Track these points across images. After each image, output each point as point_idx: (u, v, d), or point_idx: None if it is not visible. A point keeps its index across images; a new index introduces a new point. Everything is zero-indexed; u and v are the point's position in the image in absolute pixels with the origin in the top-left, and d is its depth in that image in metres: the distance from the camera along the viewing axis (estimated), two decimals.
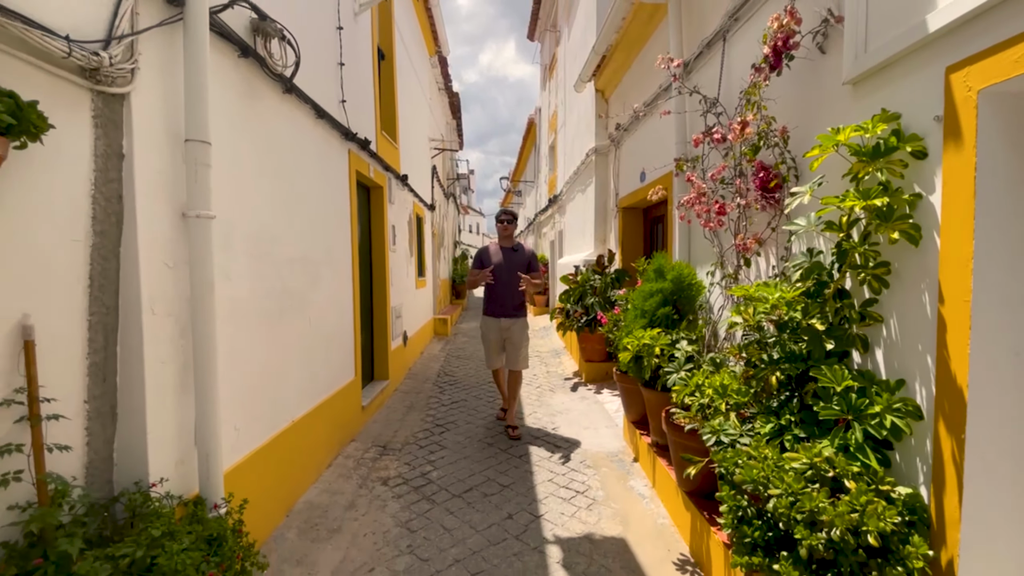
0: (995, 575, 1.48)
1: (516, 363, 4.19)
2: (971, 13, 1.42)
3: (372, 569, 2.36)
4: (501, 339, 4.19)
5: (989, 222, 1.42)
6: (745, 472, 1.70)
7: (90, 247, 1.58)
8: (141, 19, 1.70)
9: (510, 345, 4.17)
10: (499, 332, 4.17)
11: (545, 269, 11.86)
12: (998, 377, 1.45)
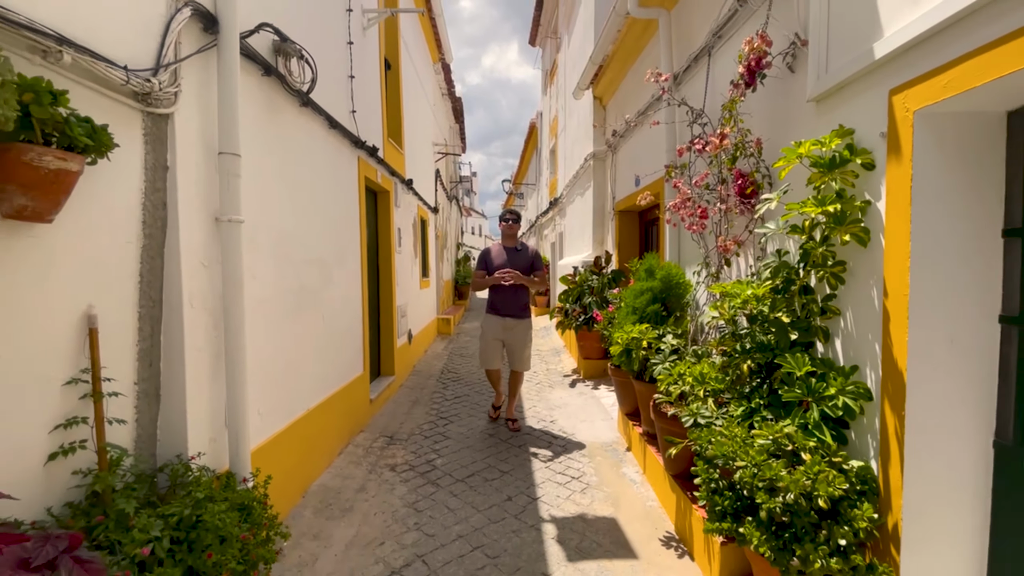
0: (932, 536, 1.68)
1: (519, 364, 4.23)
2: (909, 43, 1.63)
3: (382, 543, 2.58)
4: (502, 339, 4.18)
5: (923, 225, 1.64)
6: (716, 447, 1.91)
7: (140, 248, 1.81)
8: (183, 48, 1.93)
9: (512, 346, 4.17)
10: (501, 332, 4.15)
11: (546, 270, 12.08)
12: (933, 362, 1.66)
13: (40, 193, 1.28)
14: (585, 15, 6.99)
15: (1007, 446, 1.62)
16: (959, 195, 1.64)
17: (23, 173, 1.23)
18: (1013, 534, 1.60)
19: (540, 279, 4.21)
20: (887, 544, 1.73)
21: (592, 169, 6.60)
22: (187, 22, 1.93)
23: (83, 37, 1.52)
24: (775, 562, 1.69)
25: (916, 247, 1.64)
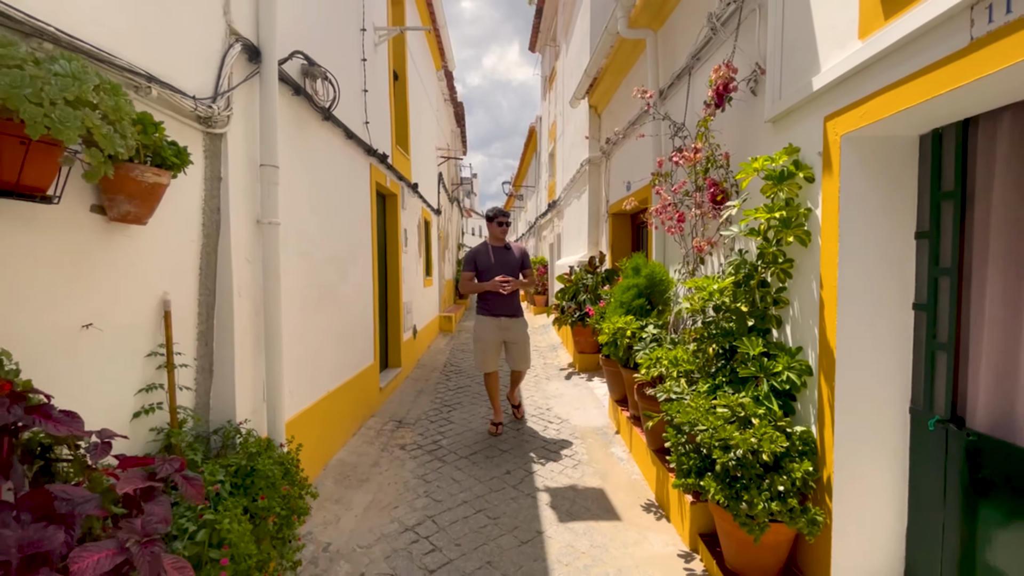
0: (858, 486, 2.03)
1: (519, 362, 4.20)
2: (837, 79, 1.98)
3: (396, 507, 2.93)
4: (499, 340, 4.11)
5: (849, 228, 1.99)
6: (683, 416, 2.26)
7: (200, 246, 2.16)
8: (233, 77, 2.28)
9: (512, 345, 4.14)
10: (497, 332, 4.09)
11: (544, 270, 12.43)
12: (859, 342, 2.01)
13: (141, 201, 1.63)
14: (582, 27, 7.35)
15: (919, 411, 1.97)
16: (879, 204, 1.99)
17: (130, 186, 1.58)
18: (924, 483, 1.96)
19: (530, 279, 4.20)
20: (822, 493, 2.08)
21: (588, 174, 6.96)
22: (237, 55, 2.28)
23: (164, 73, 1.88)
24: (728, 508, 2.04)
25: (844, 247, 2.00)
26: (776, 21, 2.44)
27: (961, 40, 1.47)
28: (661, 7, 4.02)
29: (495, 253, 4.13)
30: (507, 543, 2.59)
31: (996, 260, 1.70)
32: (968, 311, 1.81)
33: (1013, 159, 1.65)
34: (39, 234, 1.43)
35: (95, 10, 1.59)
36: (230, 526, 1.58)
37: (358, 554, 2.48)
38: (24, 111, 1.06)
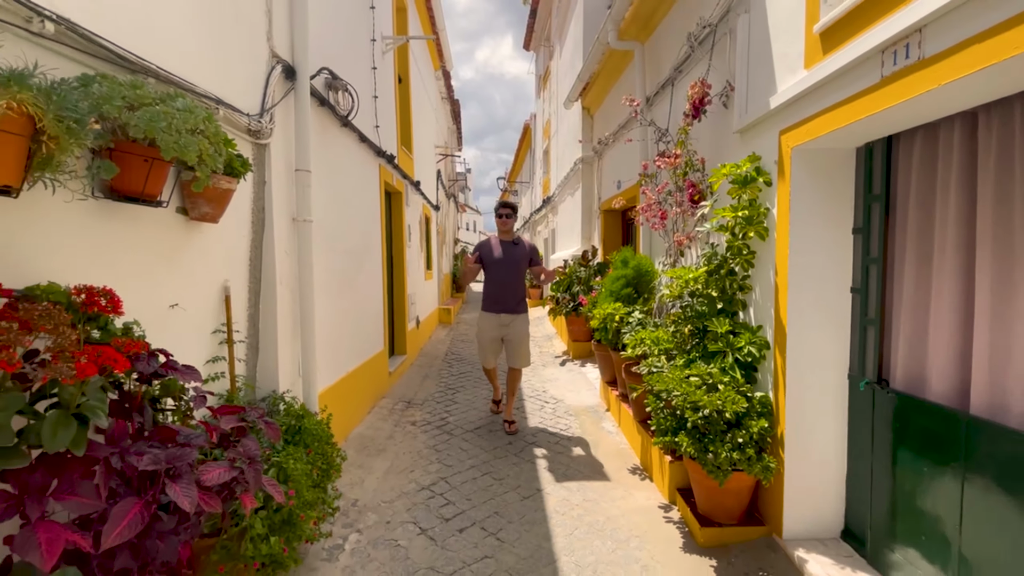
0: (806, 440, 2.44)
1: (517, 361, 4.08)
2: (788, 101, 2.37)
3: (412, 471, 3.32)
4: (500, 336, 4.04)
5: (798, 225, 2.38)
6: (661, 384, 2.66)
7: (250, 241, 2.52)
8: (275, 95, 2.64)
9: (511, 342, 4.04)
10: (498, 329, 4.02)
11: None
12: (805, 320, 2.41)
13: (216, 204, 1.99)
14: (575, 33, 7.71)
15: (854, 376, 2.38)
16: (822, 205, 2.39)
17: (208, 191, 1.94)
18: (858, 435, 2.37)
19: (547, 274, 4.12)
20: (776, 447, 2.49)
21: (581, 172, 7.34)
22: (278, 75, 2.64)
23: (227, 96, 2.23)
24: (697, 459, 2.45)
25: (793, 241, 2.39)
26: (743, 46, 2.82)
27: (875, 77, 1.86)
28: (647, 22, 4.40)
29: (502, 247, 4.02)
30: (511, 498, 2.99)
31: (910, 251, 2.11)
32: (891, 293, 2.22)
33: (922, 169, 2.05)
34: (143, 230, 1.80)
35: (179, 48, 1.95)
36: (294, 465, 1.96)
37: (383, 507, 2.87)
38: (160, 140, 1.43)
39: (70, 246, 1.50)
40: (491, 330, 4.05)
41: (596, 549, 2.51)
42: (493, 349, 4.11)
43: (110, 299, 1.39)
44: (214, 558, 1.69)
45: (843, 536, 2.48)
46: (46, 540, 1.13)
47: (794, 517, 2.47)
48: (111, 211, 1.64)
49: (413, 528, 2.68)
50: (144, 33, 1.75)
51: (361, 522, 2.72)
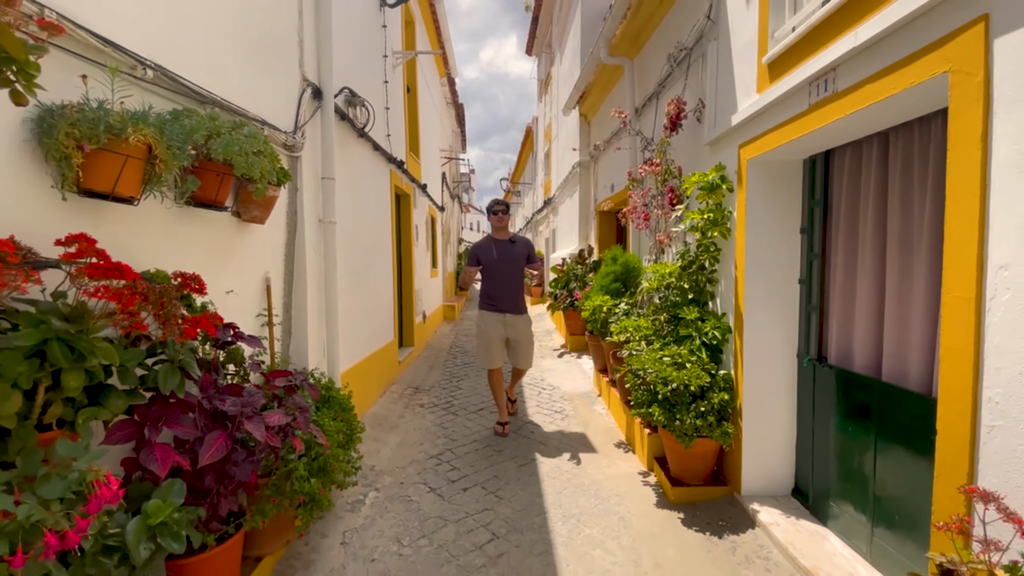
0: (760, 411, 2.84)
1: (523, 362, 4.10)
2: (745, 120, 2.77)
3: (422, 444, 3.75)
4: (503, 336, 3.99)
5: (753, 226, 2.79)
6: (638, 363, 3.07)
7: (285, 239, 2.95)
8: (305, 113, 3.06)
9: (515, 343, 4.03)
10: (502, 328, 3.97)
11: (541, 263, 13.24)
12: (759, 307, 2.82)
13: (263, 208, 2.42)
14: (573, 42, 8.11)
15: (803, 356, 2.78)
16: (774, 208, 2.79)
17: (248, 199, 2.36)
18: (804, 405, 2.77)
19: (538, 273, 4.36)
20: (736, 417, 2.89)
21: (578, 176, 7.74)
22: (308, 96, 3.07)
23: (269, 116, 2.66)
24: (667, 426, 2.85)
25: (749, 239, 2.80)
26: (712, 69, 3.23)
27: (805, 104, 2.27)
28: (635, 40, 4.80)
29: (497, 247, 3.96)
30: (509, 465, 3.40)
31: (842, 248, 2.51)
32: (828, 283, 2.62)
33: (850, 179, 2.45)
34: (209, 230, 2.22)
35: (234, 80, 2.37)
36: (328, 423, 2.38)
37: (397, 471, 3.30)
38: (235, 161, 1.85)
39: (162, 241, 1.92)
40: (495, 328, 3.97)
41: (581, 504, 2.93)
42: (498, 347, 3.99)
43: (198, 283, 1.81)
44: (267, 492, 2.11)
45: (793, 493, 2.88)
46: (161, 456, 1.56)
47: (751, 478, 2.88)
48: (188, 215, 2.06)
49: (423, 487, 3.10)
50: (209, 70, 2.18)
51: (378, 483, 3.15)
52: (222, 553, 1.85)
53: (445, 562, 2.40)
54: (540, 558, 2.43)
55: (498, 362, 4.03)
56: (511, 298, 3.98)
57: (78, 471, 1.22)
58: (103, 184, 1.51)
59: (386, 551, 2.48)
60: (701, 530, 2.66)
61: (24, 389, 1.20)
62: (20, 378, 1.18)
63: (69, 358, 1.24)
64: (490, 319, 3.99)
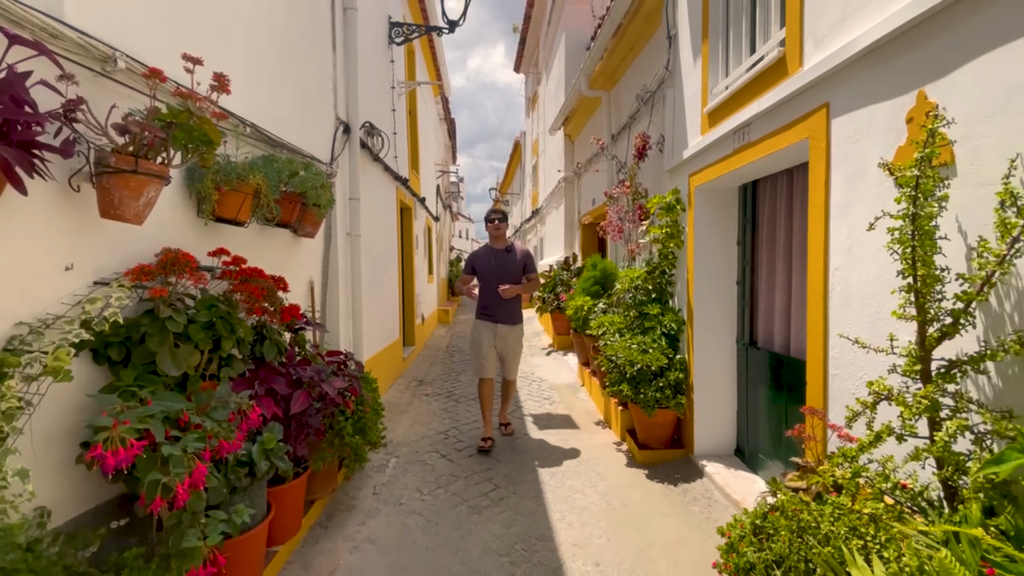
0: (707, 387, 3.55)
1: (510, 372, 4.09)
2: (692, 155, 3.50)
3: (430, 423, 4.40)
4: (493, 345, 3.97)
5: (700, 238, 3.51)
6: (612, 351, 3.77)
7: (323, 250, 3.61)
8: (338, 147, 3.73)
9: (505, 354, 4.00)
10: (494, 339, 3.95)
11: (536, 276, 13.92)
12: (706, 303, 3.53)
13: (314, 226, 3.08)
14: (558, 67, 8.88)
15: (743, 344, 3.51)
16: (716, 225, 3.52)
17: (311, 218, 3.03)
18: (741, 382, 3.49)
19: (534, 282, 4.06)
20: (688, 392, 3.60)
21: (564, 190, 8.48)
22: (340, 132, 3.74)
23: (315, 152, 3.32)
24: (633, 399, 3.55)
25: (697, 250, 3.52)
26: (670, 110, 3.97)
27: (731, 147, 3.00)
28: (611, 76, 5.56)
29: (495, 256, 3.94)
30: (505, 440, 4.07)
31: (763, 256, 3.24)
32: (756, 284, 3.35)
33: (767, 204, 3.19)
34: (277, 243, 2.88)
35: (292, 125, 3.04)
36: (368, 393, 3.04)
37: (412, 443, 3.95)
38: (308, 194, 2.52)
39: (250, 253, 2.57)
40: (487, 338, 3.94)
41: (565, 464, 3.61)
42: (490, 357, 3.96)
43: (283, 284, 2.47)
44: (324, 445, 2.76)
45: (735, 453, 3.59)
46: (266, 404, 2.21)
47: (701, 441, 3.58)
48: (266, 232, 2.72)
49: (435, 454, 3.76)
50: (279, 121, 2.84)
51: (398, 452, 3.79)
52: (297, 485, 2.51)
53: (458, 504, 3.05)
54: (533, 500, 3.10)
55: (490, 372, 3.96)
56: (505, 308, 3.92)
57: (235, 403, 1.87)
58: (230, 213, 2.17)
59: (410, 498, 3.13)
60: (661, 481, 3.35)
61: (201, 351, 1.85)
62: (200, 342, 1.83)
63: (227, 331, 1.90)
64: (482, 328, 3.96)
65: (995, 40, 1.42)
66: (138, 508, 1.52)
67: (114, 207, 1.53)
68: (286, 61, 3.02)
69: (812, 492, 1.74)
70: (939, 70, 1.61)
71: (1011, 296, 1.39)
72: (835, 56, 2.02)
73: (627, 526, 2.80)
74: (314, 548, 2.59)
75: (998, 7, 1.41)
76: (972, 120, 1.50)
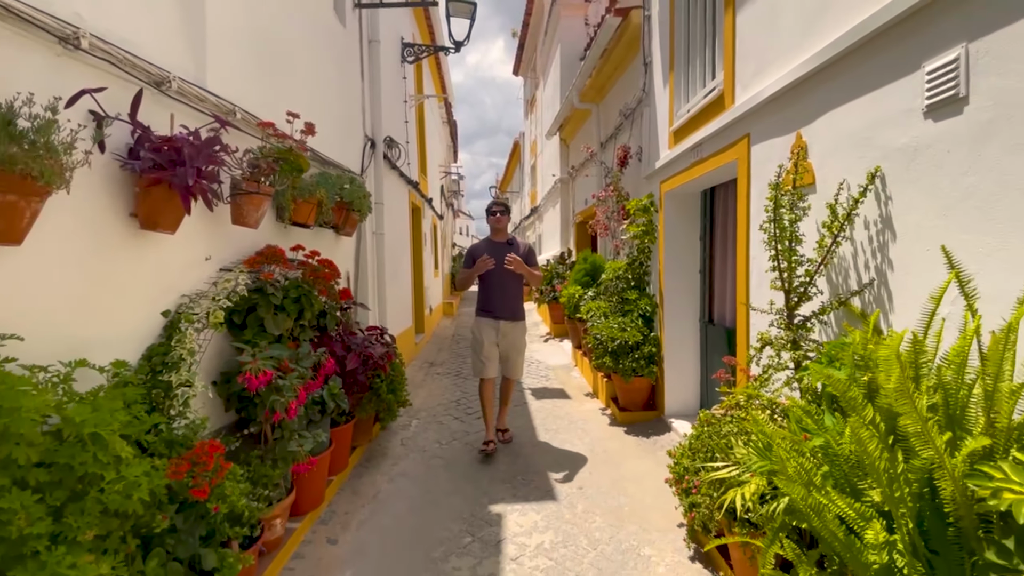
0: (676, 359, 4.27)
1: (513, 371, 3.90)
2: (662, 166, 4.22)
3: (443, 394, 5.14)
4: (496, 343, 3.82)
5: (670, 234, 4.23)
6: (597, 330, 4.49)
7: (355, 246, 4.33)
8: (366, 159, 4.45)
9: (507, 351, 3.84)
10: (496, 336, 3.80)
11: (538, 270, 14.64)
12: (675, 288, 4.26)
13: (352, 227, 3.79)
14: (554, 76, 9.57)
15: (704, 322, 4.23)
16: (683, 224, 4.23)
17: (352, 221, 3.74)
18: (704, 357, 4.22)
19: (537, 277, 3.87)
20: (660, 362, 4.32)
21: (559, 190, 9.19)
22: (368, 147, 4.45)
23: (350, 165, 4.03)
24: (614, 369, 4.27)
25: (667, 245, 4.24)
26: (646, 125, 4.68)
27: (690, 161, 3.71)
28: (600, 91, 6.26)
29: (495, 250, 3.80)
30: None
31: (718, 250, 3.96)
32: (713, 272, 4.07)
33: (722, 206, 3.90)
34: (325, 241, 3.59)
35: (334, 144, 3.75)
36: (397, 361, 3.76)
37: (429, 409, 4.68)
38: (355, 203, 3.24)
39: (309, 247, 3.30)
40: (490, 336, 3.80)
41: (558, 423, 4.34)
42: (492, 356, 3.81)
43: (338, 272, 3.18)
44: (365, 400, 3.48)
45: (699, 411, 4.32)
46: (330, 363, 2.93)
47: (671, 403, 4.31)
48: (318, 232, 3.44)
49: (450, 417, 4.49)
50: (326, 142, 3.56)
51: (418, 416, 4.53)
52: (347, 429, 3.24)
53: (471, 451, 3.79)
54: (531, 448, 3.83)
55: (491, 372, 3.81)
56: (507, 303, 3.80)
57: (315, 357, 2.59)
58: (301, 218, 2.90)
59: (431, 446, 3.87)
60: (636, 435, 4.09)
61: (291, 317, 2.57)
62: (290, 311, 2.55)
63: (308, 305, 2.62)
64: (484, 325, 3.82)
65: (836, 102, 2.14)
66: (261, 421, 2.24)
67: (242, 217, 2.25)
68: (331, 96, 3.73)
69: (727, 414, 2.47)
70: (809, 118, 2.32)
71: (839, 273, 2.12)
72: (753, 99, 2.74)
73: (606, 465, 3.54)
74: (359, 480, 3.32)
75: (839, 80, 2.12)
76: (824, 155, 2.21)
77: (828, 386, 1.35)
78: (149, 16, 1.99)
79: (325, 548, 2.59)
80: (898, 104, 1.78)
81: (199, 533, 1.73)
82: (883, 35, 1.83)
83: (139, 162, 1.74)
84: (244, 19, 2.59)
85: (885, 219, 1.87)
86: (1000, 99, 1.43)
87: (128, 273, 1.88)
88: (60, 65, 1.61)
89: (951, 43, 1.58)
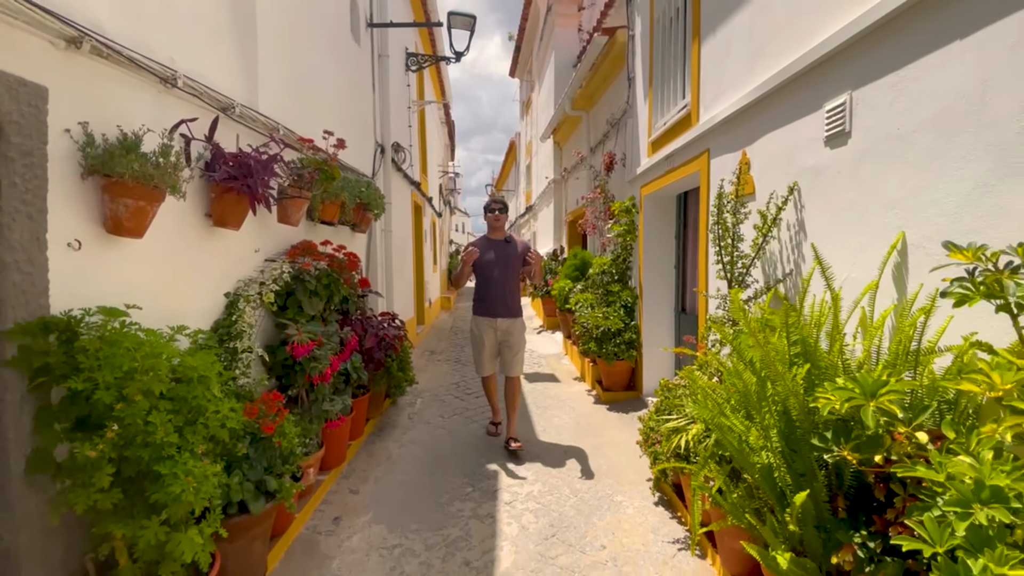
0: (653, 343, 4.79)
1: (514, 368, 3.85)
2: (642, 172, 4.73)
3: (444, 378, 5.64)
4: (496, 341, 3.83)
5: (649, 233, 4.75)
6: (584, 319, 5.01)
7: (367, 241, 4.82)
8: (377, 163, 4.93)
9: (507, 348, 3.82)
10: (494, 334, 3.81)
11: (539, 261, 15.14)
12: (653, 281, 4.78)
13: (367, 224, 4.29)
14: (548, 81, 10.06)
15: (677, 311, 4.75)
16: (660, 224, 4.75)
17: (367, 219, 4.23)
18: (678, 343, 4.75)
19: (538, 272, 3.89)
20: (639, 347, 4.84)
21: (553, 190, 9.69)
22: (378, 152, 4.94)
23: (364, 169, 4.52)
24: (599, 354, 4.79)
25: (646, 243, 4.76)
26: (629, 134, 5.19)
27: (664, 169, 4.22)
28: (590, 99, 6.77)
29: (493, 248, 3.79)
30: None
31: (690, 247, 4.48)
32: (686, 268, 4.59)
33: (692, 210, 4.42)
34: (343, 236, 4.08)
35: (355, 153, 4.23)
36: (406, 344, 4.26)
37: (431, 390, 5.19)
38: (370, 203, 3.73)
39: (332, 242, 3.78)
40: (488, 334, 3.81)
41: (548, 402, 4.86)
42: (491, 354, 3.85)
43: (358, 264, 3.67)
44: (378, 377, 3.98)
45: None
46: (354, 340, 3.43)
47: (648, 384, 4.83)
48: (338, 229, 3.93)
49: (451, 396, 5.00)
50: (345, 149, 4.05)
51: (422, 395, 5.03)
52: (363, 401, 3.73)
53: (471, 423, 4.30)
54: (524, 421, 4.35)
55: (490, 369, 3.91)
56: (504, 301, 3.79)
57: (342, 335, 3.09)
58: (328, 217, 3.39)
59: (435, 419, 4.37)
60: (616, 411, 4.61)
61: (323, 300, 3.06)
62: (321, 295, 3.04)
63: (336, 290, 3.11)
64: (482, 324, 3.82)
65: (769, 128, 2.65)
66: (300, 385, 2.74)
67: (287, 216, 2.75)
68: (348, 107, 4.21)
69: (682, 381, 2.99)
70: (751, 139, 2.83)
71: (768, 265, 2.64)
72: (712, 119, 3.24)
73: (588, 434, 4.05)
74: (374, 446, 3.82)
75: (771, 110, 2.63)
76: (762, 170, 2.73)
77: (732, 342, 1.86)
78: (217, 55, 2.48)
79: (349, 496, 3.09)
80: (808, 133, 2.30)
81: (262, 464, 2.23)
82: (799, 78, 2.34)
83: (216, 173, 2.22)
84: (284, 50, 3.08)
85: (800, 222, 2.39)
86: (868, 136, 1.95)
87: (203, 261, 2.37)
88: (160, 100, 2.09)
89: (841, 90, 2.09)
